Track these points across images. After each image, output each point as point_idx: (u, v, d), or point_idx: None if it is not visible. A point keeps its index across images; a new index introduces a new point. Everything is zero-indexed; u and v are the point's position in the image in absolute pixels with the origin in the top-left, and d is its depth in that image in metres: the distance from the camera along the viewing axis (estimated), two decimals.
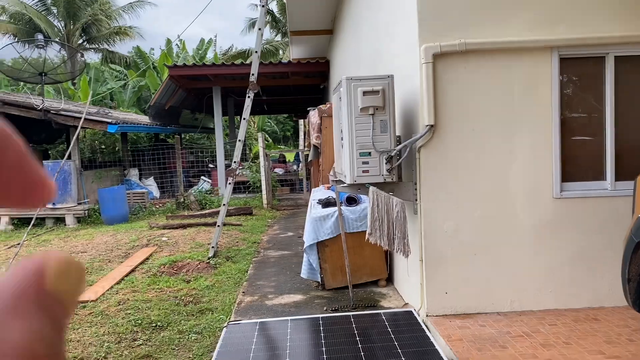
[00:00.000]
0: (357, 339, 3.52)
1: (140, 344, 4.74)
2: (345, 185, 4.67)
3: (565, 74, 4.36)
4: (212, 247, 7.77)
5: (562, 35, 4.25)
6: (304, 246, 5.94)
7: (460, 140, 4.29)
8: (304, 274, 6.03)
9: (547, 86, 4.30)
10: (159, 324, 5.20)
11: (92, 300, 5.95)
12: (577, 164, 4.41)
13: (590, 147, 4.45)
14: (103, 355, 4.52)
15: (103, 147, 18.19)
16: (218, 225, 7.93)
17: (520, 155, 4.30)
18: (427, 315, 4.28)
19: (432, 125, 4.24)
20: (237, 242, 8.96)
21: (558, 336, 3.78)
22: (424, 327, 3.67)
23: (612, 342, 3.62)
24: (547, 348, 3.59)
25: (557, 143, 4.31)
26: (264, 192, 13.00)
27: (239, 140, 7.85)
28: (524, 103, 4.30)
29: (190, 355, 4.46)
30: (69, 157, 10.86)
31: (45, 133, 16.78)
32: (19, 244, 8.50)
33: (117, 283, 6.62)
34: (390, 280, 5.99)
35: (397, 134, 4.66)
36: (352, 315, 3.98)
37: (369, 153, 4.37)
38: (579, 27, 4.27)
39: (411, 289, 4.85)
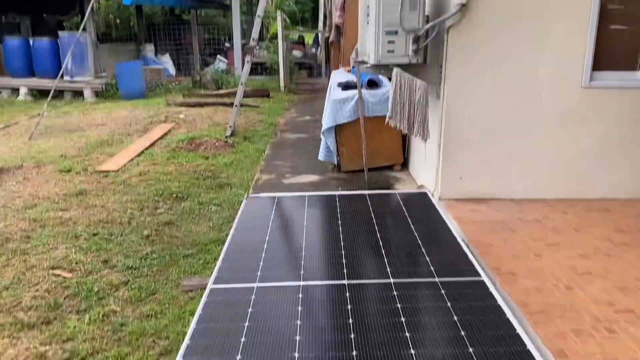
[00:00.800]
0: (372, 215, 3.63)
1: (162, 212, 4.95)
2: (368, 65, 4.55)
3: None
4: (230, 126, 7.82)
5: None
6: (322, 129, 5.95)
7: (492, 22, 4.09)
8: (321, 156, 6.10)
9: None
10: (179, 195, 5.38)
11: (113, 171, 6.13)
12: (611, 53, 4.22)
13: (627, 36, 4.23)
14: (127, 220, 4.74)
15: (118, 21, 17.72)
16: (235, 105, 7.91)
17: (553, 41, 4.11)
18: (440, 199, 4.37)
19: (463, 4, 4.02)
20: (254, 123, 9.00)
21: (569, 223, 3.86)
22: (437, 207, 3.76)
23: (622, 231, 3.70)
24: (557, 233, 3.69)
25: (594, 29, 4.08)
26: (281, 74, 12.79)
27: (258, 16, 7.58)
28: None
29: (211, 225, 4.67)
30: (84, 29, 10.61)
31: (58, 3, 16.30)
32: (39, 114, 8.61)
33: (138, 156, 6.78)
34: (405, 166, 6.05)
35: (426, 12, 4.44)
36: (368, 194, 4.07)
37: (396, 32, 4.19)
38: None
39: (426, 174, 4.91)
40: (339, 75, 7.07)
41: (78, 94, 11.71)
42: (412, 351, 2.11)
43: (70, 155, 6.81)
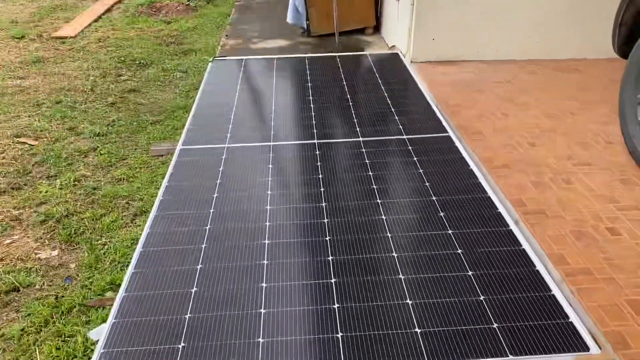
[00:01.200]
0: (342, 76, 3.57)
1: (126, 79, 4.78)
2: None
3: None
4: None
5: None
6: None
7: None
8: (289, 19, 5.82)
9: None
10: (142, 61, 5.17)
11: (71, 37, 5.80)
12: None
13: None
14: (90, 87, 4.58)
15: None
16: None
17: None
18: (411, 62, 4.30)
19: None
20: None
21: (537, 83, 3.89)
22: (409, 68, 3.72)
23: (587, 90, 3.75)
24: (524, 93, 3.72)
25: None
26: None
27: None
28: None
29: (177, 91, 4.55)
30: None
31: None
32: None
33: (95, 21, 6.38)
34: (377, 30, 5.86)
35: None
36: (338, 55, 3.98)
37: None
38: None
39: (398, 36, 4.77)
40: None
41: None
42: (379, 201, 2.20)
43: (22, 21, 6.36)
